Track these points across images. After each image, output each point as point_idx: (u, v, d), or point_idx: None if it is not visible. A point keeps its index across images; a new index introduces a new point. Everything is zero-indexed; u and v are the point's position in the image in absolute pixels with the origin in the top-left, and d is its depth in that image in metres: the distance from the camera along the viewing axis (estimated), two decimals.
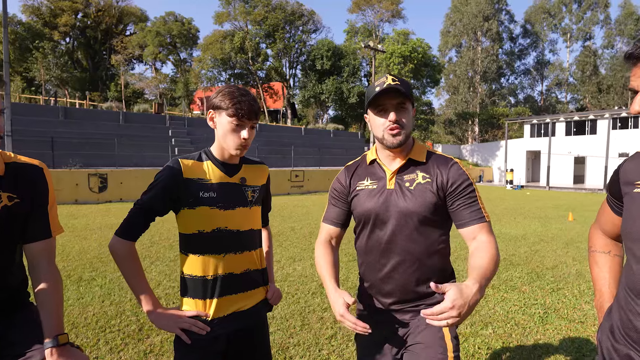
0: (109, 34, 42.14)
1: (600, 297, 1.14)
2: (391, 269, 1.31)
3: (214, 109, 1.31)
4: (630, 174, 0.97)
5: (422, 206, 1.25)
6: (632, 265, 0.92)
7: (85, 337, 2.94)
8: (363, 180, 1.37)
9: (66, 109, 20.04)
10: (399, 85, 1.24)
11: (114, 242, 1.28)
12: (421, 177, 1.28)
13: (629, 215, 0.94)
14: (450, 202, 1.26)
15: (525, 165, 29.35)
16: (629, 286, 0.93)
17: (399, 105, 1.26)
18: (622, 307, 0.94)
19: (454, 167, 1.28)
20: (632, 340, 0.91)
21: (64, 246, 6.10)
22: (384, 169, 1.35)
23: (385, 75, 1.27)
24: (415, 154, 1.33)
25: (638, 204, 0.91)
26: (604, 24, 43.67)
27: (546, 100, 47.76)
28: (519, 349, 2.84)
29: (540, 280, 4.52)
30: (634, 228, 0.91)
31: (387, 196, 1.30)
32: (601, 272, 1.16)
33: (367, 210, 1.33)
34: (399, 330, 1.33)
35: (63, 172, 12.87)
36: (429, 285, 1.31)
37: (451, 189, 1.25)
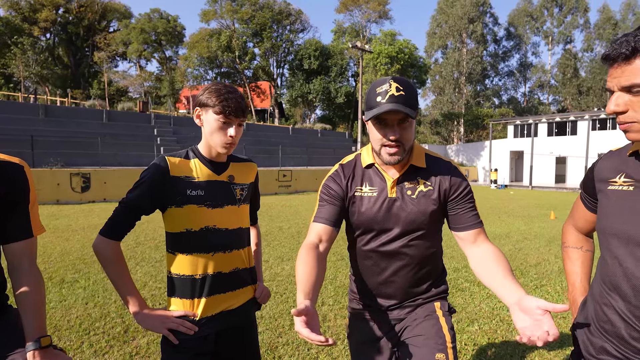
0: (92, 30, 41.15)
1: (573, 291, 1.18)
2: (391, 274, 1.32)
3: (201, 107, 1.29)
4: (605, 172, 1.00)
5: (424, 214, 1.26)
6: (607, 259, 0.95)
7: (68, 340, 2.87)
8: (361, 185, 1.30)
9: (47, 106, 19.51)
10: (403, 96, 1.12)
11: (98, 242, 1.25)
12: (423, 184, 1.27)
13: (603, 212, 0.98)
14: (450, 206, 1.27)
15: (509, 165, 29.96)
16: (603, 280, 0.97)
17: (403, 119, 1.15)
18: (597, 301, 0.98)
19: (454, 172, 1.29)
20: (607, 332, 0.94)
21: (45, 247, 5.94)
22: (384, 175, 1.28)
23: (388, 82, 1.14)
24: (416, 159, 1.29)
25: (612, 201, 0.95)
26: (584, 28, 44.98)
27: (529, 102, 48.89)
28: (504, 345, 2.90)
29: (524, 278, 4.62)
30: (608, 224, 0.95)
31: (389, 204, 1.26)
32: (574, 266, 1.20)
33: (369, 218, 1.28)
34: (396, 325, 1.35)
35: (44, 172, 12.51)
36: (425, 286, 1.35)
37: (453, 195, 1.27)
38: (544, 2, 45.71)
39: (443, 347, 1.23)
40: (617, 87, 0.84)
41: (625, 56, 0.80)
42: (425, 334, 1.26)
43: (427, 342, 1.24)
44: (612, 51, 0.83)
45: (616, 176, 0.96)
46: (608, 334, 0.94)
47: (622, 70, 0.82)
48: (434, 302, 1.34)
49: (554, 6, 45.53)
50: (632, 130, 0.84)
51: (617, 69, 0.83)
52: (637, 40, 0.79)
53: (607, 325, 0.94)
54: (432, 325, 1.27)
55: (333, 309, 3.54)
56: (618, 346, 0.91)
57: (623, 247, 0.91)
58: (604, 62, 0.86)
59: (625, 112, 0.84)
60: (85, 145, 16.63)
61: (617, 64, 0.83)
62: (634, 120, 0.83)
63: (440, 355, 1.20)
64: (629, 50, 0.80)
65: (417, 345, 1.25)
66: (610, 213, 0.95)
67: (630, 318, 0.89)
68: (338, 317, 3.34)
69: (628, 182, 0.93)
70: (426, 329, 1.27)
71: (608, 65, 0.85)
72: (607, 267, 0.95)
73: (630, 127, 0.84)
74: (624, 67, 0.82)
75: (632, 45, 0.79)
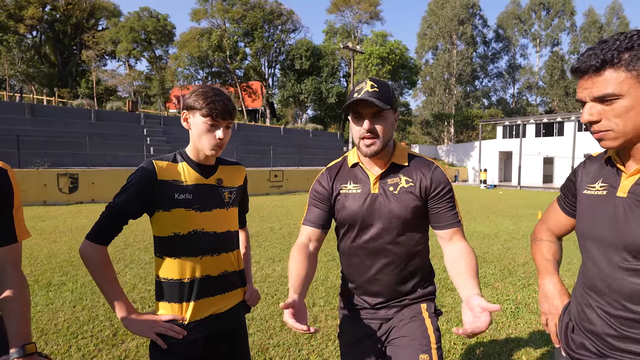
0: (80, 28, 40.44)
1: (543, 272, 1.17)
2: (377, 271, 1.34)
3: (188, 110, 1.29)
4: (587, 176, 1.05)
5: (406, 210, 1.28)
6: (586, 262, 1.00)
7: (55, 345, 2.82)
8: (346, 183, 1.37)
9: (33, 105, 19.12)
10: (377, 91, 1.21)
11: (84, 247, 1.24)
12: (404, 181, 1.31)
13: (581, 216, 1.02)
14: (431, 204, 1.30)
15: (498, 165, 30.36)
16: (584, 282, 1.01)
17: (376, 113, 1.24)
18: (579, 302, 1.02)
19: (436, 171, 1.31)
20: (586, 330, 0.99)
21: (32, 249, 5.83)
22: (367, 173, 1.34)
23: (365, 81, 1.25)
24: (398, 157, 1.34)
25: (588, 205, 1.00)
26: (570, 31, 45.87)
27: (517, 103, 49.60)
28: (492, 344, 2.94)
29: (512, 277, 4.70)
30: (584, 227, 0.99)
31: (372, 201, 1.31)
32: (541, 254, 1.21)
33: (352, 214, 1.33)
34: (383, 325, 1.37)
35: (30, 172, 12.27)
36: (411, 284, 1.37)
37: (433, 192, 1.29)
38: (532, 5, 46.46)
39: (427, 347, 1.25)
40: (590, 98, 0.88)
41: (595, 68, 0.85)
42: (410, 335, 1.28)
43: (412, 343, 1.26)
44: (582, 64, 0.87)
45: (595, 182, 1.01)
46: (587, 332, 0.98)
47: (593, 82, 0.86)
48: (421, 304, 1.36)
49: (541, 9, 46.32)
50: (607, 139, 0.89)
51: (588, 81, 0.87)
52: (604, 52, 0.84)
53: (586, 324, 0.98)
54: (418, 327, 1.30)
55: (324, 309, 3.55)
56: (595, 342, 0.96)
57: (597, 249, 0.95)
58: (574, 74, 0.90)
59: (599, 121, 0.88)
60: (73, 145, 16.35)
61: (587, 76, 0.87)
62: (608, 128, 0.87)
63: (424, 356, 1.22)
64: (598, 63, 0.84)
65: (402, 347, 1.27)
66: (586, 217, 0.99)
67: (606, 317, 0.93)
68: (329, 318, 3.35)
69: (604, 186, 0.97)
70: (411, 330, 1.29)
71: (577, 77, 0.89)
72: (586, 269, 1.00)
73: (604, 135, 0.88)
74: (595, 78, 0.86)
75: (601, 57, 0.84)
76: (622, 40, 0.83)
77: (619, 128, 0.86)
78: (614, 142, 0.88)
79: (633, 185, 0.90)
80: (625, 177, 0.92)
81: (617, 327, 0.91)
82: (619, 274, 0.89)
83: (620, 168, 0.94)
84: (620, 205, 0.91)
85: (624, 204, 0.90)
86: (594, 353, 0.96)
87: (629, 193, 0.90)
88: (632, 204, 0.88)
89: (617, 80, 0.84)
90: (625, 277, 0.88)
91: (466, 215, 10.51)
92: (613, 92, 0.84)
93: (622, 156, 0.94)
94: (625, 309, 0.89)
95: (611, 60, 0.83)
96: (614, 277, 0.90)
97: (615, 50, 0.83)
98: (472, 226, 8.65)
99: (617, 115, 0.85)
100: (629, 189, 0.90)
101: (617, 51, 0.83)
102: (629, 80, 0.83)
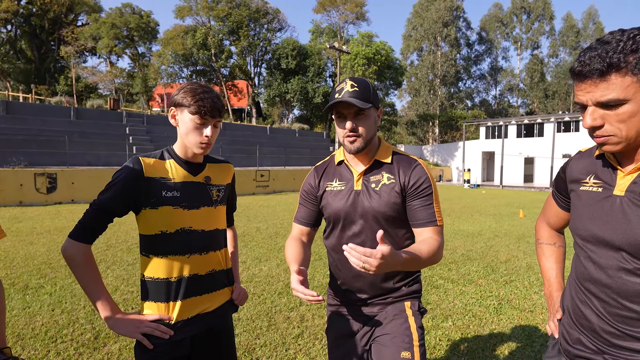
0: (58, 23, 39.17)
1: (549, 286, 1.23)
2: None
3: (176, 107, 1.27)
4: (576, 173, 1.03)
5: (387, 206, 1.29)
6: (580, 258, 1.00)
7: (33, 349, 2.73)
8: (332, 181, 1.40)
9: (8, 102, 18.41)
10: (357, 91, 1.23)
11: (67, 246, 1.20)
12: (386, 178, 1.32)
13: (576, 213, 1.01)
14: (408, 201, 1.31)
15: (481, 165, 30.98)
16: (578, 277, 1.01)
17: (357, 112, 1.26)
18: (573, 297, 1.03)
19: (417, 168, 1.32)
20: (582, 326, 0.99)
21: (7, 252, 5.62)
22: (351, 170, 1.37)
23: (345, 81, 1.27)
24: (381, 155, 1.36)
25: (583, 201, 0.99)
26: (549, 35, 47.19)
27: (499, 104, 50.73)
28: (476, 339, 3.00)
29: (494, 274, 4.80)
30: (581, 225, 0.98)
31: (354, 197, 1.33)
32: (548, 262, 1.25)
33: (336, 210, 1.36)
34: (368, 322, 1.38)
35: (5, 172, 11.83)
36: (396, 281, 1.37)
37: (411, 189, 1.30)
38: (514, 8, 47.59)
39: (409, 345, 1.25)
40: (592, 102, 0.84)
41: (600, 72, 0.81)
42: (392, 332, 1.29)
43: (394, 341, 1.27)
44: (584, 67, 0.83)
45: (587, 177, 1.00)
46: (583, 328, 0.99)
47: (597, 86, 0.82)
48: (405, 302, 1.37)
49: (522, 13, 47.49)
50: (610, 143, 0.86)
51: (591, 84, 0.83)
52: (610, 56, 0.79)
53: (582, 320, 0.99)
54: (400, 324, 1.30)
55: (311, 308, 3.55)
56: (592, 339, 0.96)
57: (594, 247, 0.95)
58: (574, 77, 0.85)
59: (602, 126, 0.85)
60: (52, 144, 15.84)
61: (590, 80, 0.83)
62: (611, 133, 0.84)
63: (406, 354, 1.23)
64: (604, 67, 0.80)
65: (385, 344, 1.28)
66: (581, 214, 0.98)
67: (602, 314, 0.93)
68: (316, 317, 3.35)
69: (597, 183, 0.96)
70: (394, 327, 1.30)
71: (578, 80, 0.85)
72: (581, 266, 0.99)
73: (607, 140, 0.86)
74: (599, 82, 0.82)
75: (607, 61, 0.79)
76: (627, 42, 0.79)
77: (622, 133, 0.83)
78: (617, 146, 0.86)
79: (631, 184, 0.88)
80: (621, 176, 0.90)
81: (615, 325, 0.90)
82: (619, 273, 0.88)
83: (615, 166, 0.92)
84: (618, 204, 0.89)
85: (621, 202, 0.88)
86: (591, 349, 0.96)
87: (627, 192, 0.88)
88: (631, 203, 0.86)
89: (622, 85, 0.80)
90: (624, 277, 0.87)
91: (450, 214, 10.69)
92: (618, 97, 0.80)
93: (618, 154, 0.92)
94: (624, 308, 0.88)
95: (617, 64, 0.79)
96: (613, 276, 0.89)
97: (620, 53, 0.78)
98: (456, 224, 8.80)
99: (621, 121, 0.82)
100: (626, 187, 0.88)
101: (622, 54, 0.78)
102: (634, 84, 0.79)
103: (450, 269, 5.00)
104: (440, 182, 30.66)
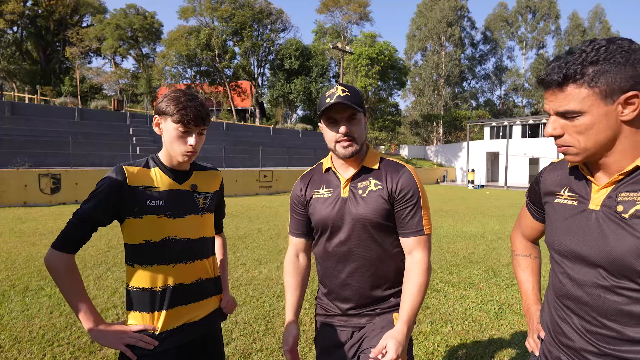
0: (63, 24, 39.46)
1: (527, 300, 1.20)
2: (347, 275, 1.33)
3: (160, 115, 1.25)
4: (550, 185, 1.01)
5: (374, 213, 1.27)
6: (557, 273, 0.97)
7: (29, 353, 2.73)
8: (319, 188, 1.39)
9: (13, 104, 18.56)
10: (348, 95, 1.23)
11: (50, 255, 1.19)
12: (373, 184, 1.30)
13: (552, 226, 0.98)
14: (396, 209, 1.28)
15: (485, 165, 30.78)
16: (556, 293, 0.98)
17: (350, 117, 1.26)
18: (552, 313, 1.00)
19: (404, 174, 1.29)
20: (562, 344, 0.96)
21: (9, 253, 5.65)
22: (339, 176, 1.35)
23: (335, 86, 1.27)
24: (369, 161, 1.34)
25: (558, 214, 0.96)
26: (555, 34, 46.84)
27: (504, 104, 50.40)
28: (475, 345, 2.96)
29: (496, 277, 4.74)
30: (556, 239, 0.95)
31: (341, 204, 1.31)
32: (524, 274, 1.22)
33: (323, 218, 1.34)
34: (356, 333, 1.35)
35: (9, 172, 11.92)
36: (384, 289, 1.34)
37: (398, 196, 1.27)
38: (519, 8, 47.26)
39: None
40: (553, 112, 0.86)
41: (557, 83, 0.82)
42: None
43: None
44: (546, 76, 0.84)
45: (561, 189, 0.97)
46: (563, 346, 0.95)
47: (556, 96, 0.83)
48: (393, 313, 1.34)
49: (528, 12, 47.16)
50: (570, 153, 0.87)
51: (552, 94, 0.84)
52: (568, 67, 0.80)
53: (562, 338, 0.95)
54: None
55: (309, 312, 3.52)
56: (572, 357, 0.93)
57: (570, 262, 0.92)
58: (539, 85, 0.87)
59: (561, 135, 0.86)
60: (56, 144, 15.94)
61: (551, 89, 0.84)
62: (570, 144, 0.85)
63: None
64: (560, 77, 0.81)
65: None
66: (556, 227, 0.96)
67: (582, 332, 0.90)
68: (314, 322, 3.32)
69: (572, 196, 0.93)
70: None
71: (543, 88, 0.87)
72: (558, 281, 0.96)
73: (567, 150, 0.87)
74: (557, 93, 0.83)
75: (564, 72, 0.80)
76: (589, 53, 0.79)
77: (580, 145, 0.84)
78: (576, 157, 0.87)
79: (606, 199, 0.86)
80: (596, 189, 0.88)
81: (596, 344, 0.87)
82: (597, 291, 0.85)
83: (589, 179, 0.90)
84: (594, 219, 0.86)
85: (597, 217, 0.86)
86: None
87: (602, 206, 0.86)
88: (607, 218, 0.84)
89: (579, 97, 0.80)
90: (602, 295, 0.85)
91: (454, 215, 10.62)
92: (574, 108, 0.81)
93: (590, 166, 0.90)
94: (604, 327, 0.85)
95: (573, 75, 0.80)
96: (591, 293, 0.87)
97: (579, 65, 0.79)
98: (459, 226, 8.73)
99: (579, 132, 0.83)
100: (601, 202, 0.86)
101: (581, 65, 0.79)
102: (590, 97, 0.79)
103: (451, 272, 4.96)
104: (444, 182, 30.51)
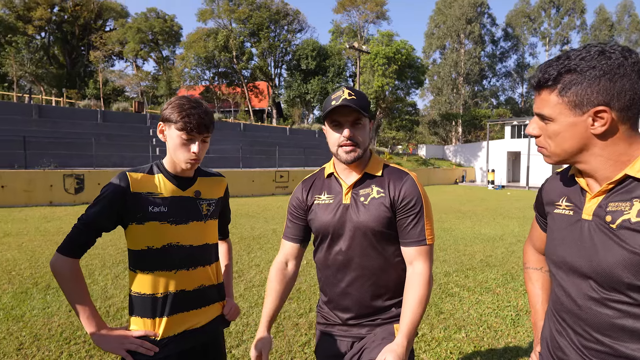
0: (87, 29, 40.86)
1: (535, 314, 1.16)
2: (347, 284, 1.30)
3: (164, 122, 1.26)
4: (550, 195, 0.99)
5: (375, 221, 1.24)
6: (554, 285, 0.94)
7: (47, 350, 2.82)
8: (320, 194, 1.36)
9: (40, 107, 19.35)
10: (355, 99, 1.21)
11: (55, 260, 1.21)
12: (376, 191, 1.27)
13: (550, 236, 0.96)
14: (397, 218, 1.25)
15: (506, 165, 30.00)
16: (553, 306, 0.95)
17: (355, 121, 1.24)
18: (551, 327, 0.97)
19: (407, 182, 1.26)
20: (558, 358, 0.93)
21: (34, 251, 5.88)
22: (341, 183, 1.33)
23: (342, 89, 1.25)
24: (372, 167, 1.31)
25: (556, 225, 0.93)
26: (580, 30, 45.13)
27: (526, 102, 48.95)
28: (490, 353, 2.87)
29: (514, 282, 4.60)
30: (553, 249, 0.92)
31: (342, 211, 1.29)
32: (534, 288, 1.18)
33: (324, 225, 1.31)
34: (356, 344, 1.33)
35: (36, 173, 12.42)
36: (385, 299, 1.31)
37: (401, 204, 1.24)
38: (542, 3, 45.80)
39: None
40: (534, 111, 0.88)
41: (533, 86, 0.85)
42: None
43: None
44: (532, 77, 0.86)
45: (560, 199, 0.95)
46: None
47: (536, 98, 0.86)
48: (394, 324, 1.30)
49: (551, 7, 45.65)
50: (544, 154, 0.89)
51: (535, 95, 0.87)
52: (547, 71, 0.81)
53: (559, 352, 0.93)
54: None
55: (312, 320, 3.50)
56: None
57: (563, 274, 0.89)
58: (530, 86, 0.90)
59: (539, 136, 0.88)
60: (79, 146, 16.51)
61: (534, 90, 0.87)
62: (544, 146, 0.87)
63: None
64: (535, 82, 0.84)
65: None
66: (554, 238, 0.93)
67: (578, 348, 0.87)
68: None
69: (569, 206, 0.91)
70: None
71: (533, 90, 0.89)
72: (555, 294, 0.94)
73: (541, 151, 0.89)
74: (536, 95, 0.86)
75: (539, 77, 0.82)
76: (572, 59, 0.78)
77: (550, 148, 0.87)
78: (549, 159, 0.89)
79: (597, 208, 0.83)
80: (589, 199, 0.86)
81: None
82: (588, 303, 0.82)
83: (584, 188, 0.88)
84: (586, 229, 0.84)
85: (589, 227, 0.84)
86: None
87: (594, 216, 0.83)
88: (597, 228, 0.82)
89: (551, 104, 0.82)
90: (593, 307, 0.82)
91: (472, 217, 10.38)
92: (545, 114, 0.84)
93: (584, 174, 0.88)
94: (597, 342, 0.82)
95: (545, 82, 0.82)
96: (583, 306, 0.84)
97: (556, 71, 0.80)
98: (477, 228, 8.53)
99: (549, 137, 0.86)
100: (593, 211, 0.84)
101: (557, 72, 0.79)
102: (559, 105, 0.81)
103: (467, 275, 4.84)
104: (463, 183, 29.91)
